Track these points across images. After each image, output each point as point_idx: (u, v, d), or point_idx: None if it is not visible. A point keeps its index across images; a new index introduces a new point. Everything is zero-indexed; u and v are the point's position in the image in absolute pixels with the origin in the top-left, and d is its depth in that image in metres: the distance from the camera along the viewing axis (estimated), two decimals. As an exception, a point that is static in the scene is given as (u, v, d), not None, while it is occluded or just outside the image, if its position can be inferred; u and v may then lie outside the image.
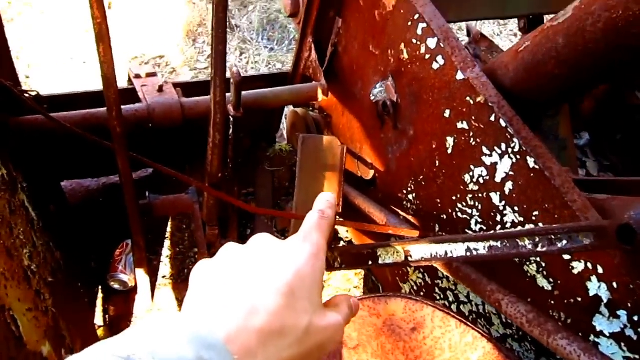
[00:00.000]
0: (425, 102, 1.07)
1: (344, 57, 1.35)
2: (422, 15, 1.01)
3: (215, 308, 0.59)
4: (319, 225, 0.70)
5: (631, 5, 0.70)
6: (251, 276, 0.62)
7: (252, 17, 4.01)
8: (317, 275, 0.65)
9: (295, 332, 0.61)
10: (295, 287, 0.61)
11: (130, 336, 0.50)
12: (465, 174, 1.02)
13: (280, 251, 0.65)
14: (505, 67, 0.92)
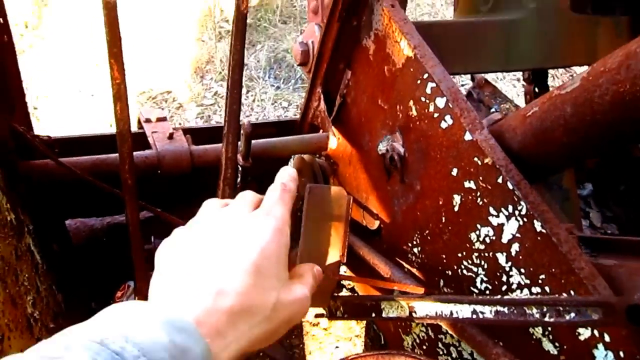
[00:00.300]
0: (433, 159, 1.08)
1: (352, 109, 1.37)
2: (432, 75, 1.03)
3: (183, 291, 0.59)
4: (281, 198, 0.72)
5: (638, 80, 0.71)
6: (217, 256, 0.62)
7: (260, 56, 4.08)
8: (281, 251, 0.66)
9: (264, 310, 0.61)
10: (261, 265, 0.62)
11: (103, 321, 0.50)
12: (472, 232, 1.02)
13: (245, 228, 0.65)
14: (513, 131, 0.94)
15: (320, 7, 1.60)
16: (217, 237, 0.64)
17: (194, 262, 0.63)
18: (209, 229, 0.66)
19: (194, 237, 0.66)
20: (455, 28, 1.68)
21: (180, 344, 0.49)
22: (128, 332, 0.47)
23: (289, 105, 3.83)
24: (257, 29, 4.27)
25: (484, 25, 1.68)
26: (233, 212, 0.69)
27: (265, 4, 4.42)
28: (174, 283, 0.61)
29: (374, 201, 1.36)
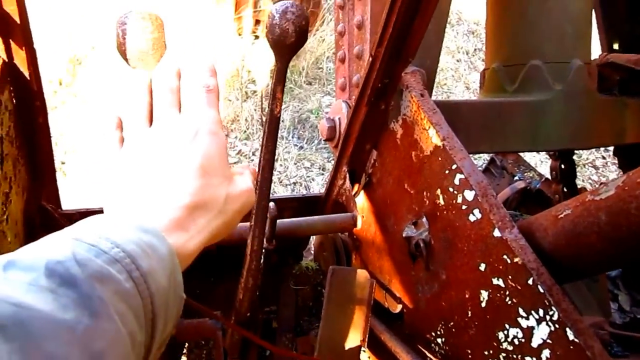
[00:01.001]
0: (460, 251, 1.06)
1: (377, 189, 1.37)
2: (461, 168, 1.02)
3: (142, 199, 0.66)
4: (208, 100, 0.74)
5: (678, 198, 0.69)
6: (165, 166, 0.68)
7: (284, 116, 4.15)
8: (222, 150, 0.71)
9: (217, 204, 0.68)
10: (206, 166, 0.68)
11: (76, 227, 0.55)
12: (499, 331, 0.99)
13: (183, 135, 0.70)
14: (545, 231, 0.91)
15: (347, 84, 1.63)
16: (162, 149, 0.69)
17: (145, 173, 0.68)
18: (150, 140, 0.71)
19: (138, 151, 0.71)
20: (482, 108, 1.69)
21: (147, 241, 0.55)
22: (100, 232, 0.52)
23: (311, 165, 3.86)
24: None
25: (510, 106, 1.68)
26: (167, 121, 0.72)
27: (292, 66, 4.53)
28: (128, 193, 0.67)
29: (397, 285, 1.33)
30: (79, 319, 0.43)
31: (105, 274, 0.48)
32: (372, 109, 1.27)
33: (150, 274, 0.53)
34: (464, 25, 5.97)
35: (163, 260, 0.56)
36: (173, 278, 0.58)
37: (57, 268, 0.45)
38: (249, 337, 0.96)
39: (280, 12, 0.68)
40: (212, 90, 0.75)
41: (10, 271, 0.44)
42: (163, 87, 0.74)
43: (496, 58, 1.84)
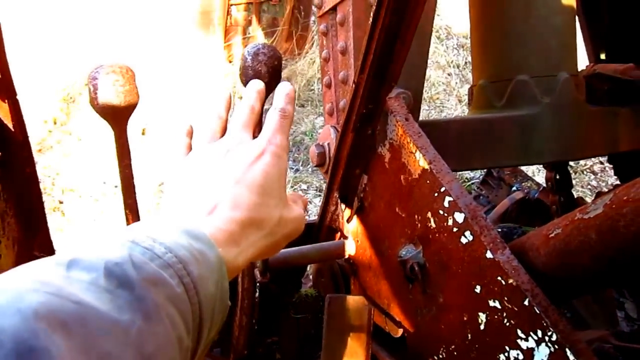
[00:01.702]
0: (455, 273, 1.05)
1: (370, 213, 1.36)
2: (449, 191, 1.02)
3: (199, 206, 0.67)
4: (280, 125, 0.76)
5: (665, 214, 0.69)
6: (226, 177, 0.69)
7: (278, 140, 4.15)
8: (282, 175, 0.74)
9: (270, 224, 0.70)
10: (265, 186, 0.70)
11: (131, 229, 0.57)
12: (500, 354, 0.97)
13: (249, 154, 0.72)
14: (537, 250, 0.91)
15: (335, 109, 1.64)
16: (225, 162, 0.71)
17: (206, 184, 0.70)
18: (218, 154, 0.73)
19: (204, 162, 0.73)
20: (472, 125, 1.69)
21: (198, 248, 0.57)
22: (155, 236, 0.54)
23: (308, 187, 3.86)
24: (276, 114, 4.37)
25: (499, 121, 1.68)
26: (238, 139, 0.74)
27: (284, 90, 4.55)
28: (188, 200, 0.69)
29: (396, 309, 1.32)
30: (133, 320, 0.45)
31: (159, 278, 0.50)
32: (358, 134, 1.27)
33: (200, 280, 0.54)
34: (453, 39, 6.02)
35: (212, 267, 0.58)
36: (220, 285, 0.60)
37: (115, 269, 0.47)
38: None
39: (252, 54, 0.69)
40: (286, 117, 0.79)
41: (73, 270, 0.46)
42: (244, 105, 0.79)
43: (483, 75, 1.85)
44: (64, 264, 0.47)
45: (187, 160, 0.76)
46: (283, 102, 0.81)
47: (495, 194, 3.36)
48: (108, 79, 0.67)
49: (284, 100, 0.81)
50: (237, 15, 4.38)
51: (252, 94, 0.82)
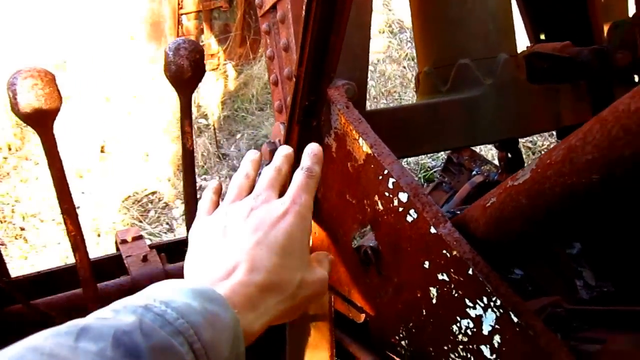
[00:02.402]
0: (404, 252, 1.08)
1: (323, 204, 1.39)
2: (391, 172, 1.05)
3: (217, 267, 0.66)
4: (306, 185, 0.77)
5: (583, 174, 0.73)
6: (248, 237, 0.68)
7: (240, 145, 4.16)
8: (305, 235, 0.73)
9: (290, 287, 0.68)
10: (287, 247, 0.68)
11: (145, 293, 0.57)
12: (453, 325, 1.00)
13: (272, 214, 0.71)
14: (476, 221, 0.94)
15: (283, 106, 1.65)
16: (248, 221, 0.70)
17: (227, 245, 0.68)
18: (241, 213, 0.72)
19: (226, 221, 0.71)
20: (418, 110, 1.73)
21: (212, 310, 0.56)
22: (167, 300, 0.54)
23: (273, 190, 3.86)
24: (236, 119, 4.37)
25: (445, 105, 1.73)
26: (262, 198, 0.74)
27: (242, 94, 4.56)
28: (207, 260, 0.67)
29: (357, 294, 1.34)
30: None
31: (168, 346, 0.50)
32: (304, 127, 1.29)
33: (212, 345, 0.54)
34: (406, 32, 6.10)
35: (226, 330, 0.57)
36: (235, 349, 0.59)
37: (123, 339, 0.47)
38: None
39: (173, 49, 0.70)
40: (312, 176, 0.78)
41: (82, 341, 0.46)
42: (271, 166, 0.78)
43: (427, 61, 1.89)
44: (74, 333, 0.47)
45: (210, 218, 0.75)
46: (310, 161, 0.80)
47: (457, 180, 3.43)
48: (26, 83, 0.67)
49: (311, 160, 0.80)
50: (188, 24, 4.36)
51: (279, 157, 0.82)
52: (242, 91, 4.55)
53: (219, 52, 4.58)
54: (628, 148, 0.66)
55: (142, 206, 3.57)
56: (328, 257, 0.82)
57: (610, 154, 0.69)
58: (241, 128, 4.30)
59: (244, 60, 4.65)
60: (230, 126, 4.34)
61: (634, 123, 0.66)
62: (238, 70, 4.68)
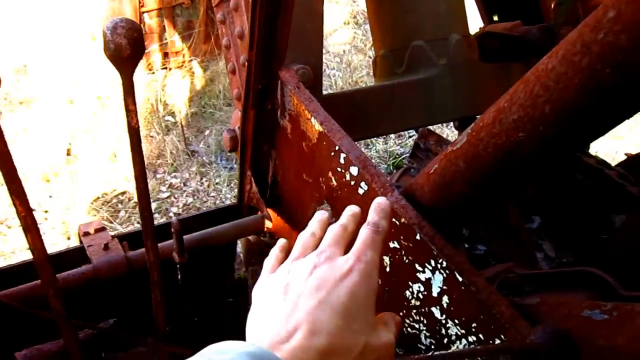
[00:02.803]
0: (359, 225, 1.12)
1: (283, 186, 1.41)
2: (341, 148, 1.08)
3: (277, 329, 0.63)
4: (371, 241, 0.71)
5: (511, 133, 0.77)
6: (310, 297, 0.64)
7: (209, 141, 4.15)
8: (370, 296, 0.68)
9: (353, 352, 0.63)
10: (350, 308, 0.64)
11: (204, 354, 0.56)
12: (406, 290, 1.04)
13: (336, 272, 0.67)
14: (422, 189, 0.98)
15: (242, 94, 1.67)
16: (310, 280, 0.67)
17: (289, 304, 0.65)
18: (303, 271, 0.69)
19: (289, 279, 0.69)
20: (375, 92, 1.77)
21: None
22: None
23: (244, 184, 3.87)
24: (203, 116, 4.36)
25: (401, 86, 1.77)
26: (326, 255, 0.70)
27: (209, 91, 4.55)
28: (268, 321, 0.65)
29: (319, 273, 1.38)
30: None
31: None
32: (259, 110, 1.31)
33: None
34: (371, 24, 6.15)
35: None
36: None
37: None
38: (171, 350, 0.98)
39: (111, 28, 0.72)
40: (379, 232, 0.72)
41: None
42: (337, 224, 0.74)
43: (383, 45, 1.93)
44: None
45: (272, 276, 0.72)
46: (376, 216, 0.74)
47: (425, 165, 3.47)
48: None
49: (378, 215, 0.74)
50: (150, 22, 4.34)
51: (347, 215, 0.77)
52: (209, 87, 4.54)
53: (183, 50, 4.56)
54: (548, 104, 0.71)
55: (112, 207, 3.54)
56: (395, 319, 0.78)
57: (533, 112, 0.73)
58: (209, 124, 4.29)
59: (210, 56, 4.64)
60: (199, 123, 4.33)
61: (551, 80, 0.70)
62: (204, 66, 4.67)
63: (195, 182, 3.83)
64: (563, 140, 0.73)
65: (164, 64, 4.56)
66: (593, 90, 0.65)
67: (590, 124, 0.70)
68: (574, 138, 0.73)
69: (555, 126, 0.72)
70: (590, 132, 0.72)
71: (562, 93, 0.68)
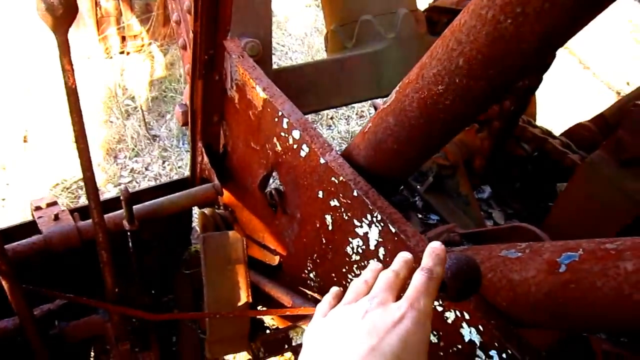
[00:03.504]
0: (303, 187, 1.16)
1: (233, 156, 1.45)
2: (283, 112, 1.12)
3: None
4: (426, 287, 0.69)
5: (431, 86, 0.82)
6: (361, 345, 0.63)
7: (171, 125, 4.13)
8: (422, 344, 0.66)
9: None
10: (402, 356, 0.62)
11: None
12: (347, 246, 1.09)
13: (388, 319, 0.65)
14: (358, 148, 1.03)
15: (193, 68, 1.69)
16: (362, 326, 0.66)
17: (340, 349, 0.65)
18: (355, 316, 0.68)
19: (340, 323, 0.69)
20: (325, 66, 1.81)
21: None
22: None
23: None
24: (164, 100, 4.33)
25: (351, 60, 1.82)
26: (378, 301, 0.69)
27: (169, 75, 4.51)
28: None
29: (270, 238, 1.42)
30: None
31: None
32: (207, 81, 1.34)
33: None
34: (332, 7, 6.16)
35: None
36: None
37: None
38: (122, 311, 1.01)
39: (41, -13, 0.73)
40: (433, 279, 0.69)
41: None
42: (389, 269, 0.72)
43: (333, 20, 1.97)
44: None
45: (324, 320, 0.72)
46: (431, 261, 0.71)
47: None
48: None
49: (433, 260, 0.71)
50: (107, 6, 4.26)
51: (399, 261, 0.76)
52: (170, 71, 4.50)
53: (141, 33, 4.50)
54: (461, 56, 0.76)
55: (71, 192, 3.50)
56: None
57: (449, 65, 0.78)
58: (171, 109, 4.26)
59: (169, 39, 4.59)
60: (160, 107, 4.29)
61: (463, 34, 0.75)
62: (163, 50, 4.62)
63: (158, 167, 3.81)
64: (478, 91, 0.79)
65: (122, 48, 4.50)
66: (498, 40, 0.70)
67: (500, 74, 0.75)
68: (487, 89, 0.78)
69: (470, 78, 0.77)
70: (501, 83, 0.78)
71: (472, 45, 0.73)
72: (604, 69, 5.46)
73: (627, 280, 0.62)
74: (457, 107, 0.82)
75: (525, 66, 0.72)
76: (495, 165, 2.24)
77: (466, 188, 2.19)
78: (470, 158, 2.19)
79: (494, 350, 0.86)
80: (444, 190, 2.27)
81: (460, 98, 0.80)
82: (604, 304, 0.64)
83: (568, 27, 0.65)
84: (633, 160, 1.72)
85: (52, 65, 4.20)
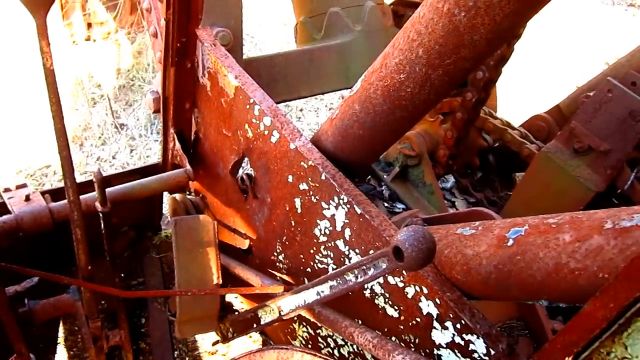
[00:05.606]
0: (273, 172, 1.21)
1: (205, 143, 1.48)
2: (254, 100, 1.16)
3: None
4: None
5: (394, 75, 0.88)
6: None
7: (139, 114, 4.10)
8: None
9: None
10: None
11: None
12: (315, 228, 1.15)
13: None
14: (326, 134, 1.08)
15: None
16: None
17: None
18: None
19: None
20: (294, 56, 1.85)
21: None
22: None
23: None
24: (132, 89, 4.30)
25: (319, 51, 1.87)
26: None
27: (137, 63, 4.47)
28: None
29: (240, 222, 1.46)
30: None
31: None
32: (179, 69, 1.37)
33: None
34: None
35: None
36: None
37: None
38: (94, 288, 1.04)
39: (21, -29, 0.76)
40: None
41: None
42: None
43: (302, 12, 2.02)
44: None
45: None
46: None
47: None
48: None
49: None
50: (73, -9, 4.21)
51: None
52: (137, 60, 4.46)
53: (108, 20, 4.45)
54: (420, 47, 0.82)
55: (35, 179, 3.46)
56: None
57: (410, 55, 0.84)
58: (138, 98, 4.23)
59: (137, 27, 4.55)
60: (127, 96, 4.26)
61: (422, 26, 0.81)
62: (131, 38, 4.57)
63: (125, 155, 3.79)
64: (436, 80, 0.85)
65: (88, 35, 4.44)
66: (453, 32, 0.76)
67: (455, 63, 0.82)
68: (445, 78, 0.85)
69: (428, 67, 0.83)
70: (457, 72, 0.84)
71: (430, 36, 0.79)
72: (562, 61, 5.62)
73: (564, 250, 0.69)
74: (418, 95, 0.88)
75: (478, 56, 0.78)
76: (459, 155, 2.33)
77: (430, 178, 2.27)
78: (435, 149, 2.27)
79: (450, 322, 0.93)
80: (409, 180, 2.34)
81: (420, 86, 0.86)
82: (545, 272, 0.71)
83: (515, 20, 0.72)
84: (585, 149, 1.83)
85: (16, 53, 4.13)
